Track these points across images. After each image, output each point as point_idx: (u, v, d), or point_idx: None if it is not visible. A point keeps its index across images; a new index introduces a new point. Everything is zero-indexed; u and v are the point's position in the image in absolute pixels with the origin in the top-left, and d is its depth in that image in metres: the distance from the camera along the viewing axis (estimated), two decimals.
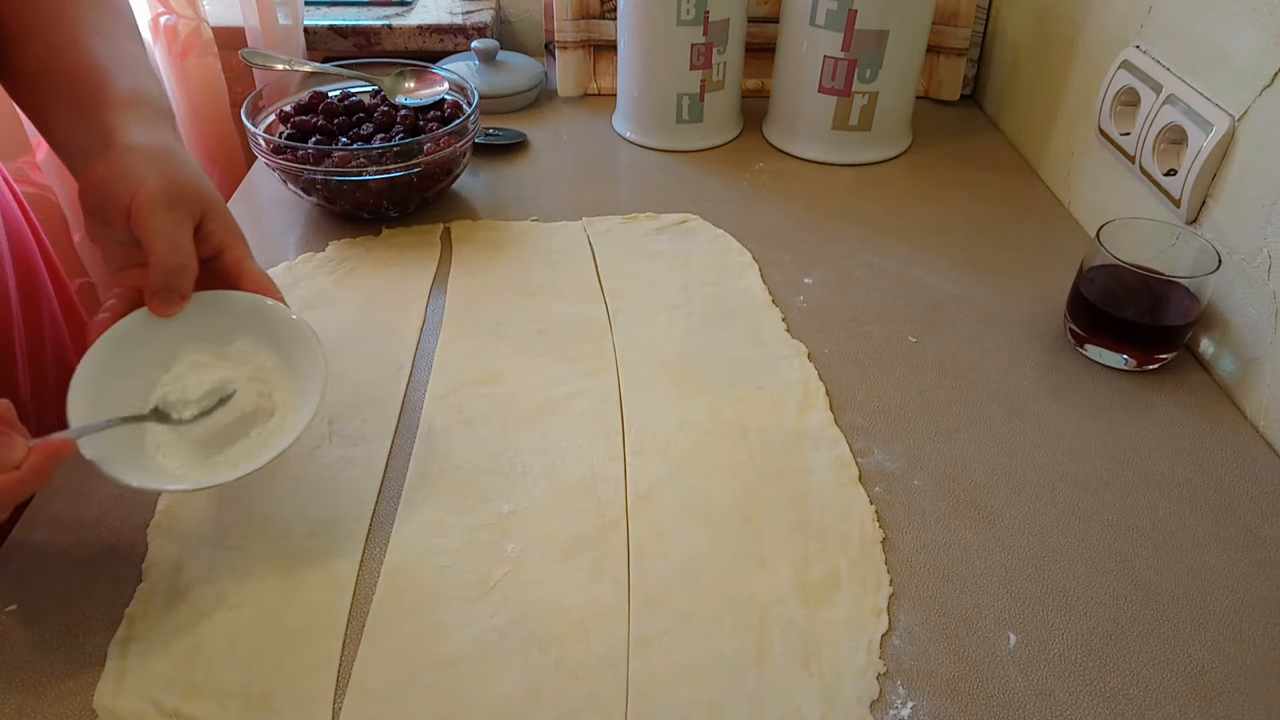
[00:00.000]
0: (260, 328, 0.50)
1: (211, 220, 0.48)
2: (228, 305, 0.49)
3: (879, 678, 0.44)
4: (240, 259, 0.49)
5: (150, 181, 0.45)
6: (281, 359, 0.50)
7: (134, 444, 0.46)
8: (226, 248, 0.49)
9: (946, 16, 0.95)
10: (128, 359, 0.47)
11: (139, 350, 0.47)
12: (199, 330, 0.49)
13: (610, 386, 0.61)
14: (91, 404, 0.45)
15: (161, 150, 0.47)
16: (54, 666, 0.44)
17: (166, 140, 0.48)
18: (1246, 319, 0.61)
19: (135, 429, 0.46)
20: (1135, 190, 0.73)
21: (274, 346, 0.50)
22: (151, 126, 0.49)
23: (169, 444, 0.47)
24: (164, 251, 0.45)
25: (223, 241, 0.49)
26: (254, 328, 0.50)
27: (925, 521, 0.53)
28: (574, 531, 0.51)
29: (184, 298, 0.47)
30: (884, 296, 0.71)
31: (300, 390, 0.49)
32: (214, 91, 1.05)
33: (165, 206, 0.45)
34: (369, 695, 0.43)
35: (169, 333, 0.48)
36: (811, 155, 0.91)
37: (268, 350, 0.50)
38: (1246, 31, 0.60)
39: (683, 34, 0.85)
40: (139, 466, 0.45)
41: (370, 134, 0.77)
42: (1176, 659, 0.45)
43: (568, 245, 0.77)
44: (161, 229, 0.45)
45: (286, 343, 0.50)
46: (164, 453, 0.47)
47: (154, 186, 0.45)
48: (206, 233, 0.48)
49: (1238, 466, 0.56)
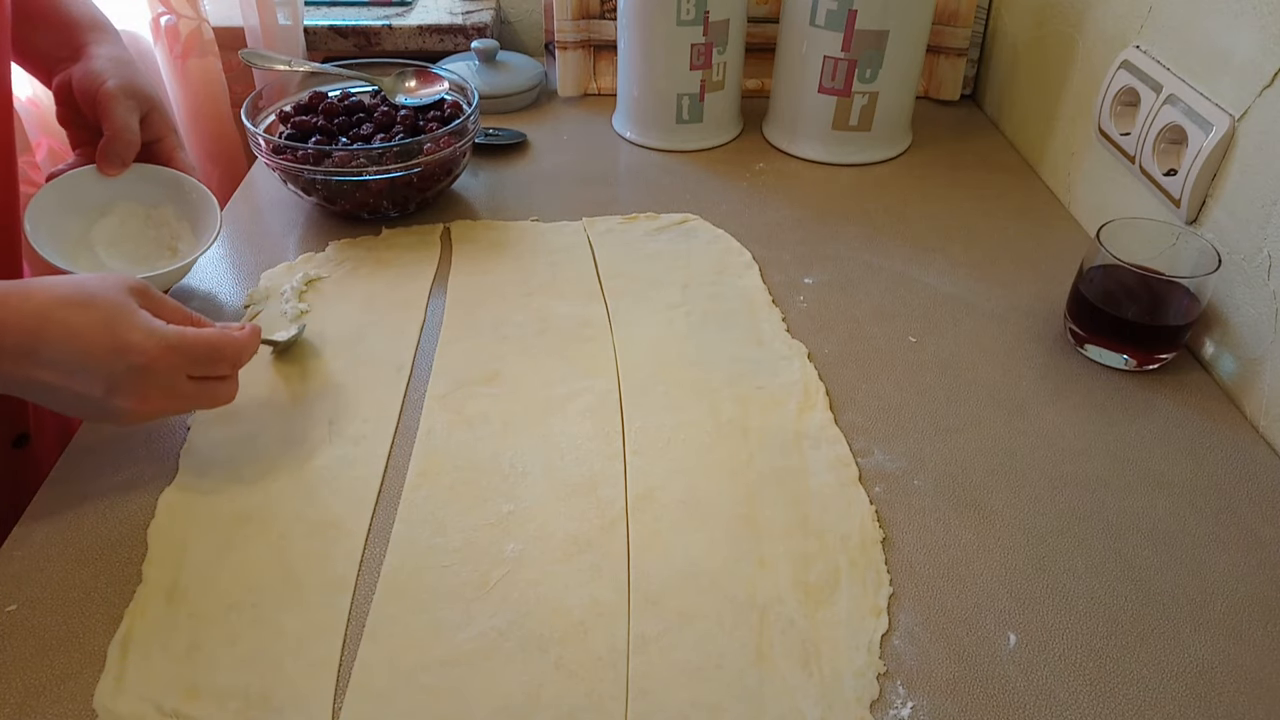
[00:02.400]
0: (178, 197, 0.67)
1: (154, 114, 0.65)
2: (156, 176, 0.66)
3: (879, 678, 0.44)
4: (173, 147, 0.66)
5: (112, 80, 0.61)
6: (190, 222, 0.67)
7: (69, 247, 0.62)
8: (163, 137, 0.65)
9: (946, 16, 0.95)
10: (75, 199, 0.63)
11: (85, 194, 0.63)
12: (133, 192, 0.65)
13: (610, 386, 0.61)
14: (49, 225, 0.61)
15: (122, 60, 0.64)
16: (54, 666, 0.44)
17: (124, 54, 0.66)
18: (1246, 319, 0.61)
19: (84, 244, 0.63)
20: (1135, 190, 0.73)
21: (185, 213, 0.67)
22: (112, 45, 0.65)
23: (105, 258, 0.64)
24: (118, 127, 0.61)
25: (161, 132, 0.65)
26: (174, 198, 0.66)
27: (925, 521, 0.53)
28: (574, 531, 0.51)
29: (125, 164, 0.63)
30: (884, 296, 0.71)
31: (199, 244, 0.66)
32: (214, 91, 1.05)
33: (122, 97, 0.61)
34: (369, 695, 0.43)
35: (110, 188, 0.64)
36: (811, 155, 0.91)
37: (180, 215, 0.67)
38: (1246, 31, 0.60)
39: (683, 34, 0.85)
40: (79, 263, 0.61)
41: (370, 134, 0.77)
42: (1176, 659, 0.45)
43: (568, 245, 0.77)
44: (118, 111, 0.61)
45: (197, 211, 0.67)
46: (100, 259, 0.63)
47: (114, 83, 0.61)
48: (150, 123, 0.64)
49: (1238, 466, 0.56)
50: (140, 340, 0.45)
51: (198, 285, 0.71)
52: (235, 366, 0.51)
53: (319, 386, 0.61)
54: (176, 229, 0.66)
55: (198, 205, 0.66)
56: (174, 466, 0.55)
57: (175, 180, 0.66)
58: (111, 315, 0.45)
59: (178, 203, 0.66)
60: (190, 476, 0.54)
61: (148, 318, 0.47)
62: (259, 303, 0.69)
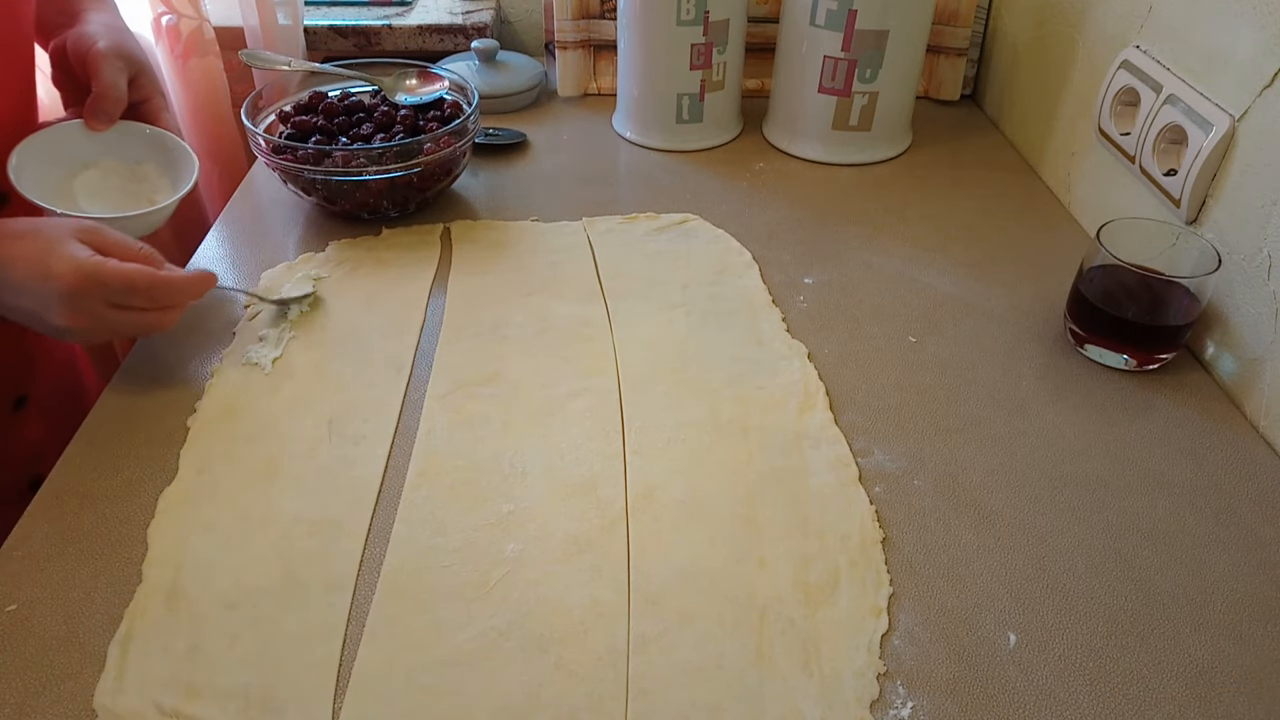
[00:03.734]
0: (160, 155, 0.68)
1: (142, 76, 0.67)
2: (141, 134, 0.68)
3: (879, 678, 0.44)
4: (159, 108, 0.68)
5: (102, 41, 0.63)
6: (170, 179, 0.68)
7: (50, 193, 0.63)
8: (150, 98, 0.68)
9: (946, 16, 0.95)
10: (61, 149, 0.64)
11: (71, 146, 0.65)
12: (117, 148, 0.67)
13: (610, 386, 0.61)
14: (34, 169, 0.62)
15: (113, 25, 0.67)
16: (54, 666, 0.44)
17: (117, 21, 0.69)
18: (1246, 319, 0.61)
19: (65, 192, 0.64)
20: (1135, 190, 0.73)
21: (166, 169, 0.68)
22: (108, 14, 0.69)
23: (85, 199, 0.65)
24: (106, 84, 0.63)
25: (148, 93, 0.68)
26: (156, 155, 0.68)
27: (925, 521, 0.53)
28: (574, 531, 0.51)
29: (111, 120, 0.65)
30: (884, 296, 0.71)
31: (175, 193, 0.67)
32: (215, 91, 1.05)
33: (111, 57, 0.63)
34: (369, 695, 0.43)
35: (95, 142, 0.66)
36: (811, 155, 0.91)
37: (161, 172, 0.68)
38: (1246, 31, 0.60)
39: (683, 34, 0.85)
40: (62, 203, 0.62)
41: (370, 134, 0.77)
42: (1176, 659, 0.45)
43: (568, 245, 0.77)
44: (106, 70, 0.63)
45: (177, 168, 0.68)
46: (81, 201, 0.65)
47: (104, 45, 0.63)
48: (138, 84, 0.67)
49: (1238, 466, 0.56)
50: (61, 269, 0.51)
51: None
52: (156, 302, 0.55)
53: (319, 386, 0.61)
54: (157, 184, 0.68)
55: (178, 161, 0.68)
56: (174, 466, 0.55)
57: (159, 138, 0.68)
58: (45, 247, 0.52)
59: (159, 160, 0.68)
60: (190, 476, 0.54)
61: (76, 249, 0.52)
62: (259, 302, 0.69)
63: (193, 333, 0.66)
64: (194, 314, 0.68)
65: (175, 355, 0.64)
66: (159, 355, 0.64)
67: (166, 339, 0.65)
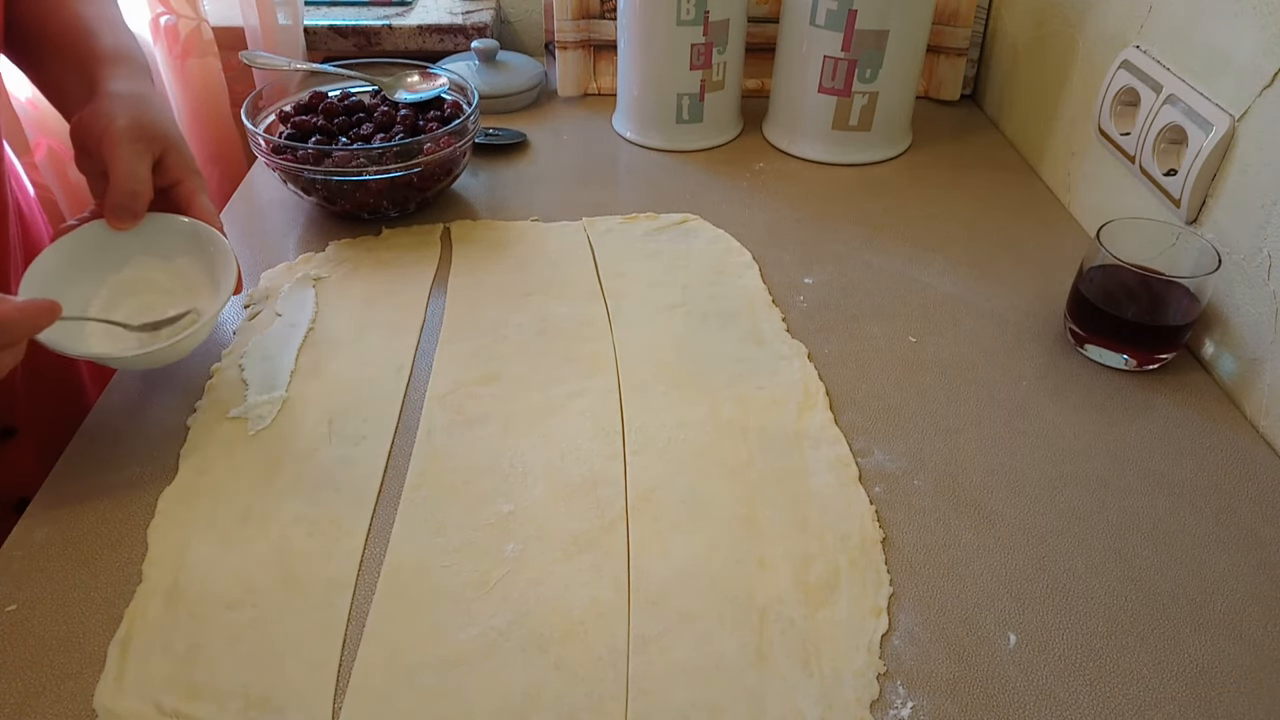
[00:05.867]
0: (195, 248, 0.59)
1: (170, 156, 0.57)
2: (172, 226, 0.58)
3: (879, 678, 0.44)
4: (193, 191, 0.58)
5: (120, 119, 0.54)
6: (209, 275, 0.59)
7: (75, 332, 0.55)
8: (181, 180, 0.58)
9: (946, 16, 0.95)
10: (85, 257, 0.56)
11: (96, 253, 0.57)
12: (149, 245, 0.58)
13: (610, 386, 0.61)
14: (44, 287, 0.53)
15: (136, 97, 0.57)
16: (54, 666, 0.44)
17: (142, 89, 0.58)
18: (1246, 319, 0.61)
19: (98, 298, 0.57)
20: (1135, 190, 0.73)
21: (204, 264, 0.59)
22: (130, 79, 0.58)
23: (104, 336, 0.57)
24: (122, 176, 0.54)
25: (179, 175, 0.58)
26: (192, 248, 0.59)
27: (925, 521, 0.53)
28: (574, 531, 0.51)
29: (136, 217, 0.55)
30: (884, 296, 0.71)
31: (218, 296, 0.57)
32: (214, 91, 1.05)
33: (129, 140, 0.54)
34: (369, 695, 0.43)
35: (123, 243, 0.57)
36: (811, 155, 0.91)
37: (200, 268, 0.59)
38: (1246, 31, 0.60)
39: (683, 34, 0.85)
40: (76, 343, 0.55)
41: (370, 134, 0.77)
42: (1176, 659, 0.45)
43: (568, 245, 0.77)
44: (123, 157, 0.54)
45: (216, 263, 0.58)
46: (98, 341, 0.57)
47: (122, 124, 0.54)
48: (166, 166, 0.57)
49: (1238, 466, 0.56)
50: None
51: None
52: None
53: (319, 386, 0.61)
54: (194, 281, 0.59)
55: (215, 257, 0.58)
56: (174, 466, 0.55)
57: (192, 230, 0.58)
58: None
59: (195, 253, 0.59)
60: (190, 476, 0.54)
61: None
62: (259, 303, 0.69)
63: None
64: None
65: None
66: None
67: None
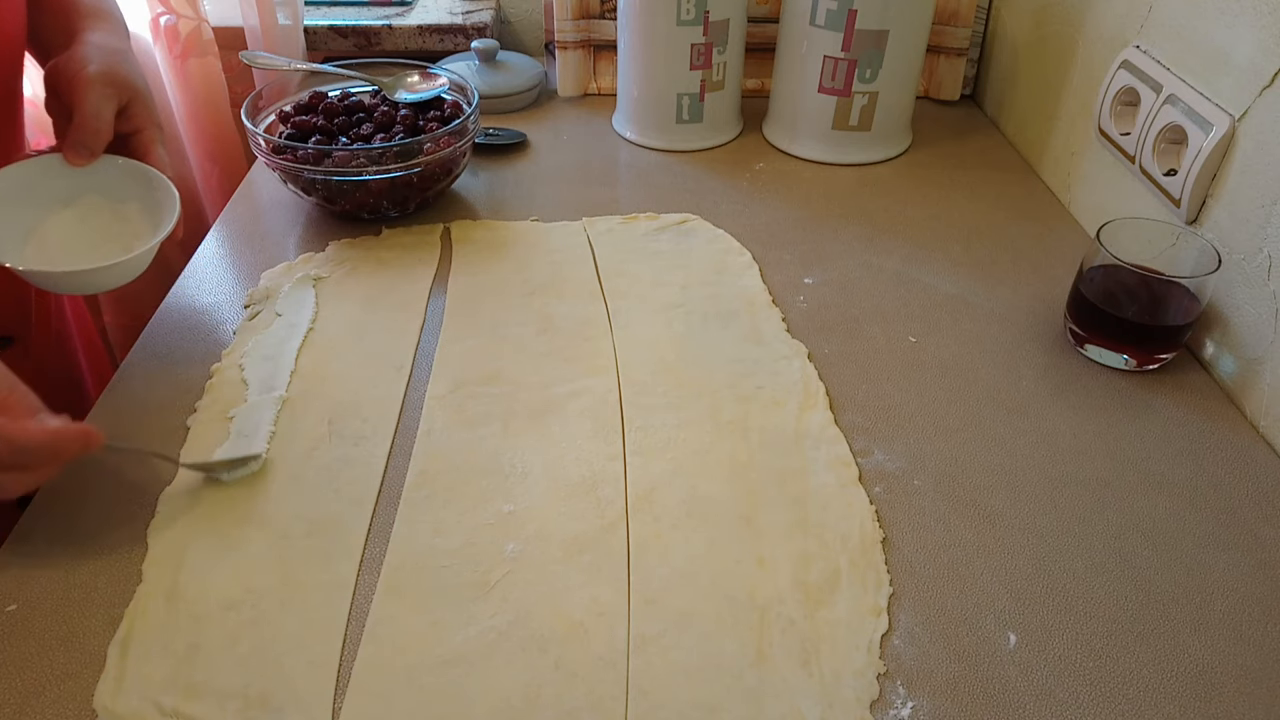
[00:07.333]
0: (145, 194, 0.61)
1: (136, 105, 0.60)
2: (126, 170, 0.60)
3: (879, 678, 0.44)
4: (151, 140, 0.61)
5: (93, 65, 0.57)
6: (153, 221, 0.60)
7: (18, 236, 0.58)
8: (142, 129, 0.60)
9: (946, 16, 0.95)
10: (34, 186, 0.58)
11: (48, 183, 0.59)
12: (100, 185, 0.60)
13: (610, 386, 0.61)
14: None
15: (112, 49, 0.60)
16: (54, 666, 0.44)
17: (119, 44, 0.62)
18: (1246, 319, 0.61)
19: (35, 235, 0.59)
20: (1135, 190, 0.73)
21: (149, 210, 0.61)
22: (110, 35, 0.62)
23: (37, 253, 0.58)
24: (87, 115, 0.56)
25: (140, 124, 0.60)
26: (142, 194, 0.61)
27: (925, 521, 0.53)
28: (574, 531, 0.51)
29: (93, 154, 0.58)
30: (884, 296, 0.71)
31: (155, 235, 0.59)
32: (214, 91, 1.05)
33: (99, 84, 0.57)
34: (369, 695, 0.43)
35: (76, 177, 0.59)
36: (811, 155, 0.91)
37: (146, 215, 0.61)
38: (1246, 31, 0.60)
39: (683, 34, 0.85)
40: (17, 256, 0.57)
41: (370, 134, 0.77)
42: (1176, 659, 0.45)
43: (568, 245, 0.77)
44: (90, 98, 0.56)
45: (160, 209, 0.60)
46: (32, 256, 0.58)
47: (94, 69, 0.57)
48: (130, 114, 0.60)
49: (1238, 466, 0.56)
50: None
51: (197, 287, 0.71)
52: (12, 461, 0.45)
53: (319, 386, 0.61)
54: (139, 226, 0.61)
55: (162, 203, 0.60)
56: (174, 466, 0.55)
57: (144, 175, 0.60)
58: None
59: (145, 199, 0.61)
60: (190, 476, 0.54)
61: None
62: (259, 303, 0.69)
63: (193, 334, 0.66)
64: (194, 314, 0.68)
65: (175, 355, 0.64)
66: (159, 355, 0.64)
67: (167, 339, 0.65)
